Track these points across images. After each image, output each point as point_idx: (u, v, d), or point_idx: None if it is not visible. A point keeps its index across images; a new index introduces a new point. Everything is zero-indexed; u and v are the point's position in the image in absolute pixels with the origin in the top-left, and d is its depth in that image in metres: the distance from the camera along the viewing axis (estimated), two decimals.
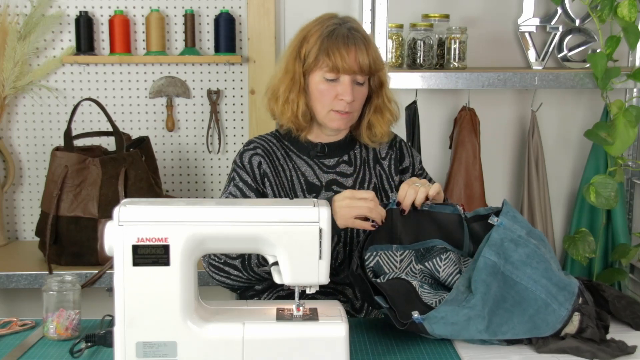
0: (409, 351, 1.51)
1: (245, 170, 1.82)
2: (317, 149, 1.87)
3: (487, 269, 1.50)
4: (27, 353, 1.50)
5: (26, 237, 2.88)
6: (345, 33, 1.77)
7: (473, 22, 2.83)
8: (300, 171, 1.86)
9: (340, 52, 1.74)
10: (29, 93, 2.80)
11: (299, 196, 1.84)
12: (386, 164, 1.92)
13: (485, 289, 1.48)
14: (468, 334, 1.48)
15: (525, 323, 1.49)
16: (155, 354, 1.37)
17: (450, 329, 1.47)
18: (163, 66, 2.82)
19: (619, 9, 2.58)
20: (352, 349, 1.46)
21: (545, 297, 1.50)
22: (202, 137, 2.88)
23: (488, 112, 2.88)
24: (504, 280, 1.50)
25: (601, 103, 2.75)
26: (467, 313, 1.47)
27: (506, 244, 1.53)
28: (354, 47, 1.76)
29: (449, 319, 1.46)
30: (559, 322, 1.50)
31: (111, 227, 1.35)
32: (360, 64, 1.76)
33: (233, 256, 1.70)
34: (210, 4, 2.81)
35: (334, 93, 1.77)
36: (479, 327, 1.47)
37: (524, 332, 1.50)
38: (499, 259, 1.51)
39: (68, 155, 2.46)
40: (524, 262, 1.51)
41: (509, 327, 1.49)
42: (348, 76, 1.76)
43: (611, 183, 2.61)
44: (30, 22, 2.70)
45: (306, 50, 1.79)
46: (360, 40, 1.77)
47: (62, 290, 1.57)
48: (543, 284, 1.51)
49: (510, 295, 1.50)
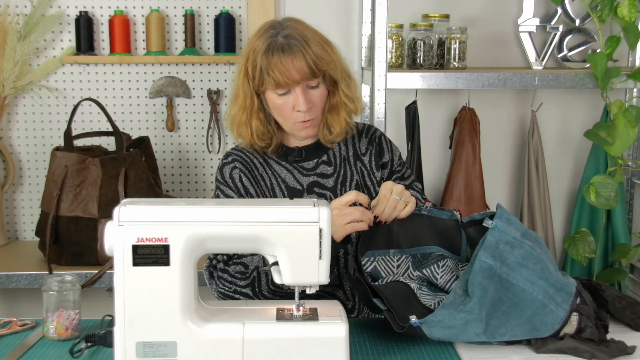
0: (409, 351, 1.51)
1: (228, 185, 1.83)
2: (294, 154, 1.87)
3: (484, 272, 1.50)
4: (27, 353, 1.50)
5: (26, 237, 2.89)
6: (280, 44, 1.72)
7: (473, 22, 2.83)
8: (280, 177, 1.85)
9: (278, 67, 1.70)
10: (29, 93, 2.80)
11: None
12: (367, 160, 1.90)
13: (482, 292, 1.48)
14: (466, 336, 1.48)
15: (524, 325, 1.49)
16: (155, 354, 1.37)
17: (447, 332, 1.47)
18: (163, 66, 2.82)
19: (619, 9, 2.58)
20: (352, 349, 1.46)
21: (542, 298, 1.50)
22: (202, 137, 2.88)
23: (488, 112, 2.88)
24: (501, 283, 1.50)
25: (601, 103, 2.75)
26: (465, 317, 1.47)
27: (501, 246, 1.52)
28: (290, 57, 1.71)
29: (446, 323, 1.47)
30: (557, 322, 1.50)
31: (111, 227, 1.35)
32: (300, 71, 1.72)
33: (241, 284, 1.71)
34: (210, 4, 2.81)
35: (290, 106, 1.76)
36: (477, 330, 1.47)
37: (522, 334, 1.50)
38: (495, 262, 1.51)
39: (68, 155, 2.46)
40: (519, 264, 1.51)
41: (507, 329, 1.49)
42: (297, 86, 1.74)
43: (611, 183, 2.61)
44: (30, 22, 2.70)
45: (251, 70, 1.76)
46: (295, 46, 1.72)
47: (62, 290, 1.57)
48: (540, 285, 1.50)
49: (507, 297, 1.50)
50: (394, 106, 2.78)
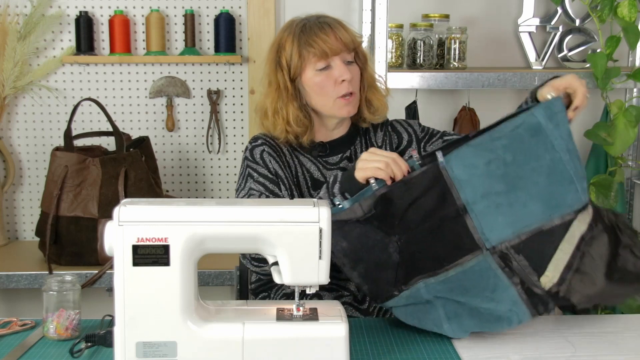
0: (409, 351, 1.51)
1: (260, 164, 1.83)
2: (318, 149, 1.88)
3: (530, 127, 1.51)
4: (27, 353, 1.50)
5: (26, 237, 2.89)
6: (315, 23, 1.82)
7: (473, 22, 2.83)
8: (305, 167, 1.87)
9: (320, 38, 1.79)
10: (29, 93, 2.80)
11: (303, 192, 1.85)
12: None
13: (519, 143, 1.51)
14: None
15: (543, 191, 1.48)
16: (155, 354, 1.37)
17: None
18: (163, 66, 2.83)
19: (619, 9, 2.58)
20: (352, 349, 1.46)
21: (572, 175, 1.49)
22: (202, 137, 2.88)
23: (488, 112, 2.87)
24: (545, 143, 1.50)
25: (601, 103, 2.75)
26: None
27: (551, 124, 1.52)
28: (330, 30, 1.80)
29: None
30: (575, 204, 1.49)
31: (111, 227, 1.35)
32: (343, 41, 1.80)
33: None
34: (210, 4, 2.82)
35: (332, 80, 1.80)
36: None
37: (540, 201, 1.49)
38: (547, 123, 1.50)
39: (68, 155, 2.46)
40: (564, 139, 1.51)
41: (526, 194, 1.49)
42: (337, 57, 1.80)
43: (611, 183, 2.62)
44: (30, 22, 2.70)
45: (286, 57, 1.82)
46: (332, 22, 1.82)
47: (62, 290, 1.57)
48: (575, 165, 1.50)
49: (545, 159, 1.50)
50: (394, 106, 2.76)
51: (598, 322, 1.68)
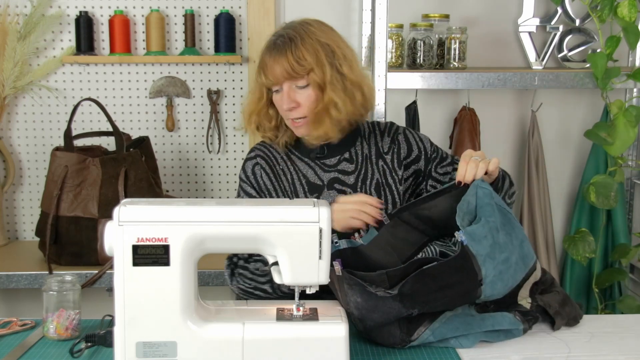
0: (409, 351, 1.51)
1: (249, 182, 1.87)
2: (316, 151, 1.88)
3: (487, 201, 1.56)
4: (27, 353, 1.50)
5: (26, 237, 2.89)
6: (272, 42, 1.79)
7: (473, 22, 2.83)
8: (302, 173, 1.87)
9: (267, 64, 1.78)
10: (29, 93, 2.80)
11: (300, 197, 1.84)
12: (389, 158, 1.89)
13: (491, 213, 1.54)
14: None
15: (518, 247, 1.54)
16: (155, 354, 1.37)
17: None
18: (163, 66, 2.82)
19: (619, 9, 2.58)
20: (352, 349, 1.46)
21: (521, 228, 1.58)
22: (202, 137, 2.88)
23: (488, 112, 2.88)
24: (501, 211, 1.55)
25: (601, 103, 2.75)
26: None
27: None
28: (277, 55, 1.76)
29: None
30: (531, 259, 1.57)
31: (111, 227, 1.35)
32: (283, 69, 1.75)
33: (261, 281, 1.73)
34: (210, 4, 2.82)
35: (282, 103, 1.80)
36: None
37: (521, 259, 1.55)
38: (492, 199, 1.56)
39: (68, 155, 2.46)
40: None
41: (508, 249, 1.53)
42: (286, 83, 1.77)
43: (611, 183, 2.62)
44: (30, 22, 2.70)
45: (258, 67, 1.84)
46: (282, 46, 1.76)
47: (62, 290, 1.57)
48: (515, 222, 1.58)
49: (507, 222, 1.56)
50: (394, 106, 2.77)
51: (597, 322, 1.68)
